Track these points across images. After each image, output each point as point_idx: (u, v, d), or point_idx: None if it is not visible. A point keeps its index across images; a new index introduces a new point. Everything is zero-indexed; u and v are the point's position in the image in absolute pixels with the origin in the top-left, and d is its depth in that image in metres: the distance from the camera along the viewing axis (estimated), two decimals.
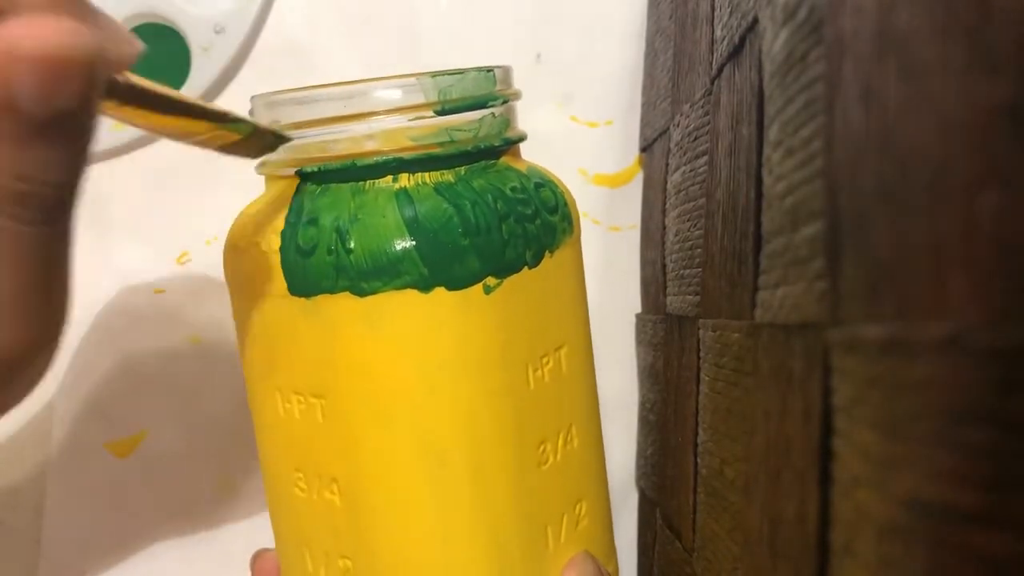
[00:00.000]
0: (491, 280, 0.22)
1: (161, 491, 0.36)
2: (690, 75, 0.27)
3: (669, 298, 0.29)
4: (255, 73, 0.38)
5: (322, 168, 0.23)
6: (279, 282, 0.22)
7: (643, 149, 0.36)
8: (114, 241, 0.38)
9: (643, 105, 0.36)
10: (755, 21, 0.19)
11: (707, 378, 0.23)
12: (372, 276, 0.22)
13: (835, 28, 0.14)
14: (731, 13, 0.22)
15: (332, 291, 0.22)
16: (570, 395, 0.25)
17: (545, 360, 0.24)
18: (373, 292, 0.22)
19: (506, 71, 0.25)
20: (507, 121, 0.25)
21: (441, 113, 0.23)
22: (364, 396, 0.23)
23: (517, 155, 0.26)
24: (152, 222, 0.38)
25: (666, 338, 0.30)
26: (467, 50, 0.37)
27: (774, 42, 0.17)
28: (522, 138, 0.26)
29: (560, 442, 0.24)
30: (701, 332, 0.24)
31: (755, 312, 0.19)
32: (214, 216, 0.37)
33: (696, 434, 0.25)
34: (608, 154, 0.37)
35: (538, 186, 0.25)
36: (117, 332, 0.37)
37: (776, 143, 0.17)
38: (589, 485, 0.26)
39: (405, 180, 0.23)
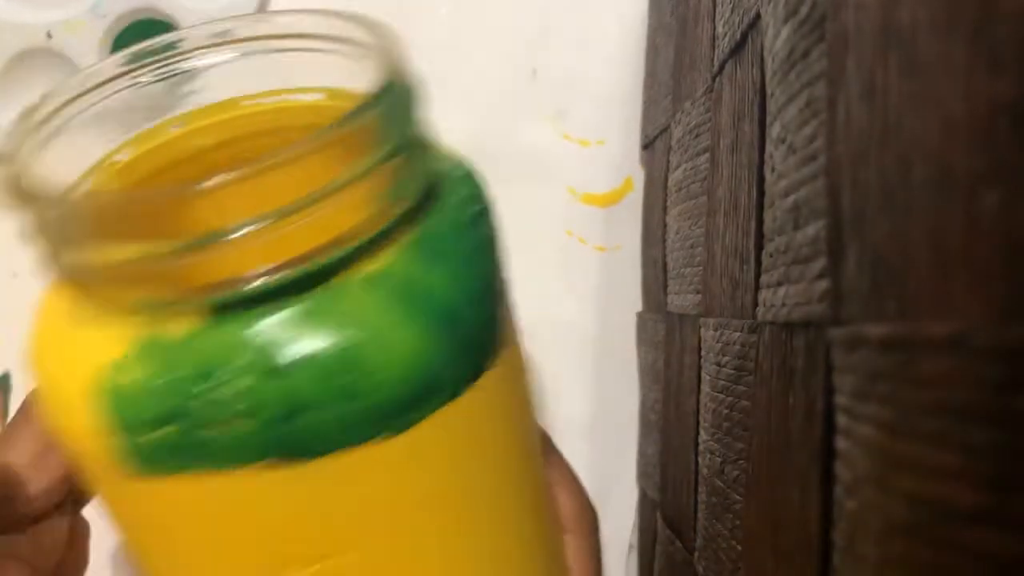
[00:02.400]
0: None
1: None
2: (692, 72, 0.27)
3: (670, 297, 0.29)
4: None
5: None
6: (245, 455, 0.16)
7: (644, 146, 0.36)
8: None
9: (644, 102, 0.36)
10: (757, 17, 0.19)
11: (708, 377, 0.23)
12: (411, 408, 0.17)
13: (837, 25, 0.14)
14: (733, 9, 0.22)
15: (354, 443, 0.16)
16: None
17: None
18: (414, 422, 0.17)
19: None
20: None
21: None
22: (409, 537, 0.18)
23: None
24: None
25: (667, 337, 0.30)
26: (462, 62, 0.37)
27: (776, 39, 0.17)
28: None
29: None
30: (702, 331, 0.24)
31: (757, 311, 0.19)
32: None
33: (697, 433, 0.25)
34: (598, 173, 0.37)
35: None
36: None
37: (778, 140, 0.17)
38: None
39: (346, 277, 0.17)
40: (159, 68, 0.19)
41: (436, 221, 0.17)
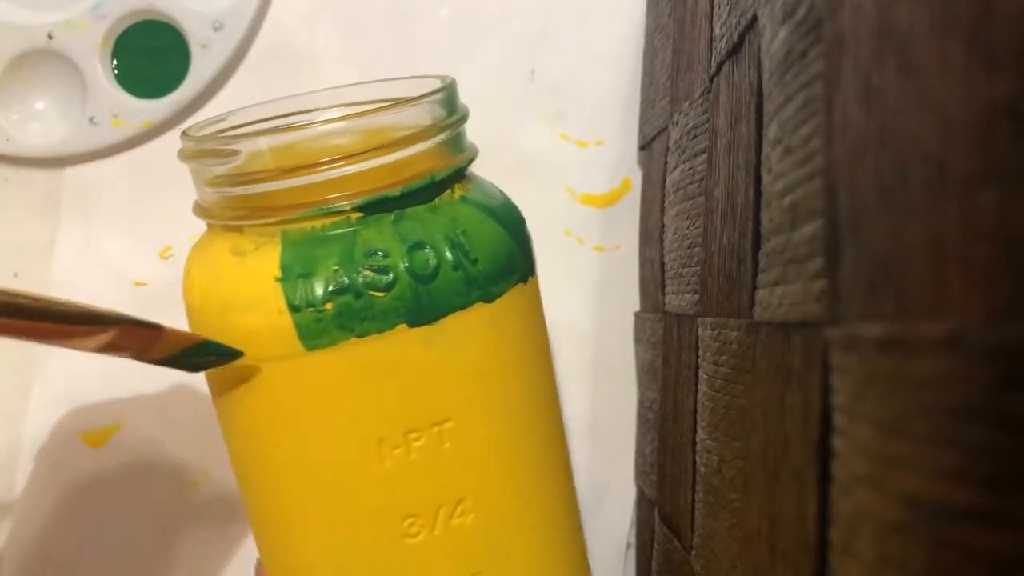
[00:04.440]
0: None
1: (132, 482, 0.37)
2: (689, 73, 0.27)
3: (668, 296, 0.29)
4: (253, 70, 0.38)
5: (370, 201, 0.22)
6: (383, 323, 0.22)
7: (642, 147, 0.36)
8: (98, 233, 0.38)
9: (642, 103, 0.36)
10: (754, 19, 0.19)
11: (706, 376, 0.23)
12: (498, 281, 0.23)
13: (834, 26, 0.14)
14: (730, 11, 0.22)
15: (464, 306, 0.22)
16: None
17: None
18: (500, 294, 0.23)
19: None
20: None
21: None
22: (498, 398, 0.24)
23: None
24: (136, 216, 0.38)
25: (665, 336, 0.30)
26: (462, 62, 0.37)
27: (773, 40, 0.17)
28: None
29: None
30: (700, 330, 0.24)
31: (754, 310, 0.19)
32: None
33: (695, 432, 0.25)
34: (597, 174, 0.37)
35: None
36: None
37: (775, 141, 0.17)
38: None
39: (448, 196, 0.23)
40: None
41: (482, 178, 0.26)
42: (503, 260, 0.23)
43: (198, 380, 0.37)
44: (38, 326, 0.18)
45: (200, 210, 0.24)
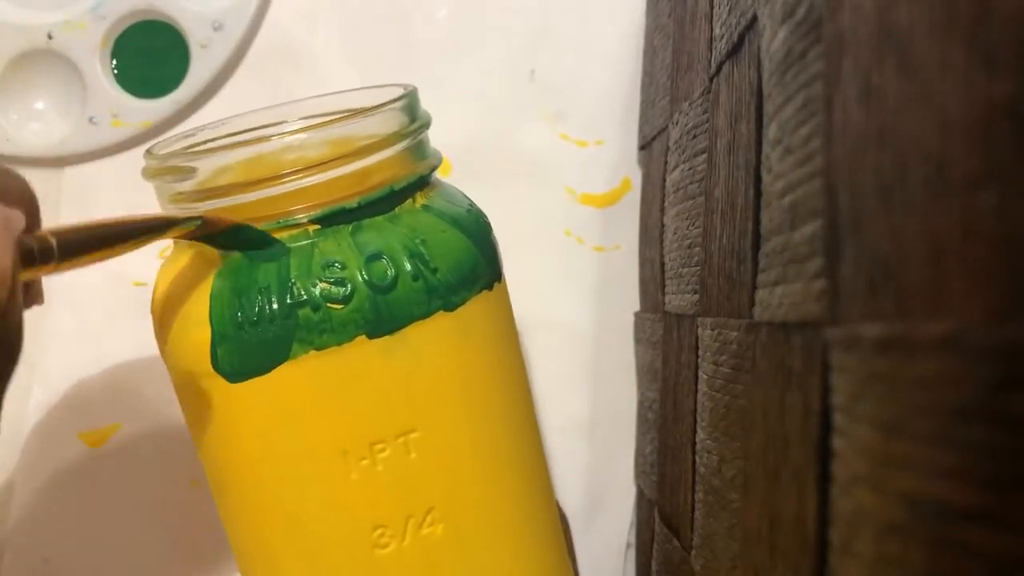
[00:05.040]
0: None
1: (130, 482, 0.37)
2: (689, 73, 0.27)
3: (668, 296, 0.29)
4: (253, 70, 0.38)
5: (327, 213, 0.22)
6: (342, 335, 0.22)
7: (642, 147, 0.36)
8: None
9: (642, 103, 0.36)
10: (754, 19, 0.19)
11: (706, 376, 0.23)
12: (460, 289, 0.23)
13: (834, 26, 0.14)
14: (730, 11, 0.22)
15: (425, 315, 0.22)
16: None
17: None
18: (462, 303, 0.23)
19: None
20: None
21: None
22: (464, 407, 0.24)
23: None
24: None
25: (665, 336, 0.30)
26: (462, 62, 0.37)
27: (773, 40, 0.17)
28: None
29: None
30: (700, 330, 0.24)
31: (754, 310, 0.19)
32: None
33: (695, 432, 0.25)
34: (596, 174, 0.37)
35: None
36: (96, 323, 0.37)
37: (775, 141, 0.17)
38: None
39: (408, 205, 0.23)
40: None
41: (448, 185, 0.26)
42: (466, 268, 0.23)
43: None
44: (121, 247, 0.20)
45: None
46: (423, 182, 0.24)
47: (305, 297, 0.21)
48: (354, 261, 0.22)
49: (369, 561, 0.23)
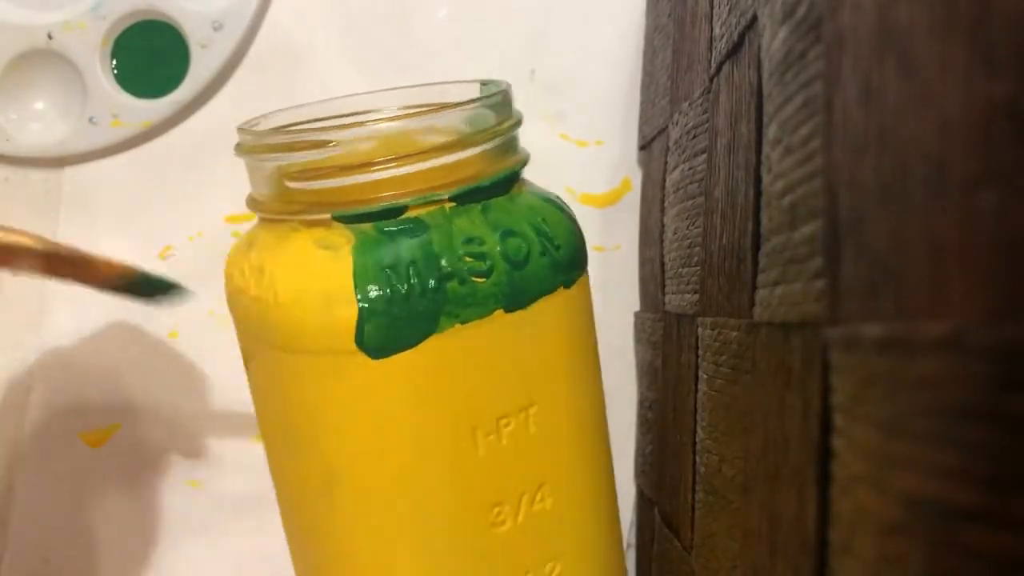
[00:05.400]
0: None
1: (130, 482, 0.37)
2: (689, 73, 0.27)
3: (667, 296, 0.29)
4: (253, 70, 0.38)
5: (466, 190, 0.23)
6: (484, 308, 0.22)
7: (642, 147, 0.36)
8: (98, 233, 0.38)
9: (642, 103, 0.36)
10: (754, 19, 0.19)
11: (706, 376, 0.23)
12: (575, 267, 0.24)
13: (834, 26, 0.14)
14: (730, 11, 0.22)
15: (550, 291, 0.23)
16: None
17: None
18: (576, 280, 0.24)
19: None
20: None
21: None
22: (572, 381, 0.25)
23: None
24: (136, 216, 0.38)
25: (664, 336, 0.30)
26: (461, 62, 0.37)
27: (773, 40, 0.17)
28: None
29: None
30: (700, 330, 0.24)
31: (754, 310, 0.19)
32: (199, 212, 0.37)
33: (695, 432, 0.25)
34: (597, 174, 0.37)
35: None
36: (96, 323, 0.37)
37: (775, 141, 0.17)
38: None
39: (518, 188, 0.24)
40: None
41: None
42: (576, 247, 0.24)
43: (197, 380, 0.37)
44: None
45: (268, 206, 0.23)
46: (525, 166, 0.25)
47: (452, 271, 0.22)
48: (490, 237, 0.22)
49: (487, 540, 0.23)
